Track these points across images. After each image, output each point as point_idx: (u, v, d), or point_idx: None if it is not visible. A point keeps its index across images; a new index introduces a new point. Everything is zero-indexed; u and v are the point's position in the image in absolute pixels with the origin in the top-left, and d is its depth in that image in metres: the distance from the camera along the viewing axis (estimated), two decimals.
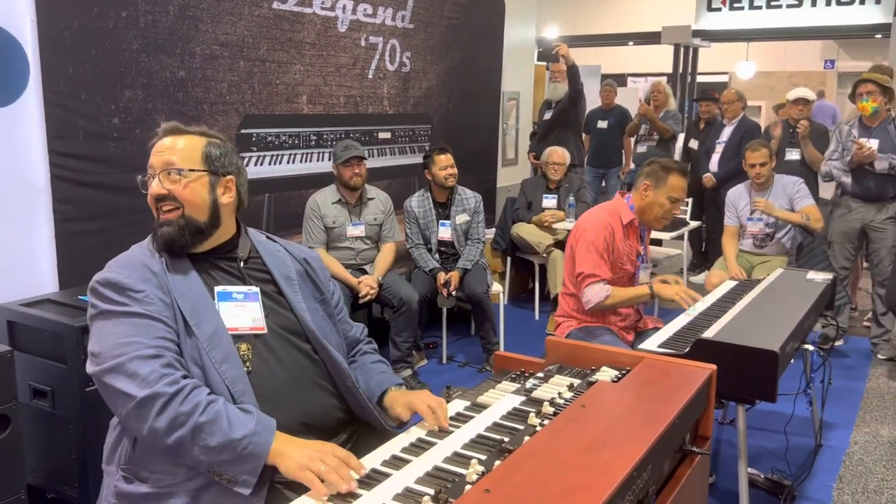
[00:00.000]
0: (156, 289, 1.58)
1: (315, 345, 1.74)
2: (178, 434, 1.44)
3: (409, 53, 4.84)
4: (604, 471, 1.31)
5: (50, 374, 2.55)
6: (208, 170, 1.69)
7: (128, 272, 1.59)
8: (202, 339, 1.58)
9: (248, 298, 1.69)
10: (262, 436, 1.46)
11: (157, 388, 1.44)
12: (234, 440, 1.44)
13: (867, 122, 4.38)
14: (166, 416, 1.44)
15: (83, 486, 2.55)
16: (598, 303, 2.95)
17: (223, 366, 1.57)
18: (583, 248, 2.98)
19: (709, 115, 6.52)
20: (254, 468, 1.45)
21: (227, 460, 1.44)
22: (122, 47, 3.12)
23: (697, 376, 1.82)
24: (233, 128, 3.71)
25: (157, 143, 1.71)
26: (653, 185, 2.98)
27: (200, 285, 1.65)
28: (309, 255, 1.90)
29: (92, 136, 3.04)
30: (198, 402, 1.46)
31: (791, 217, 4.26)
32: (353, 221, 3.94)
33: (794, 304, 2.81)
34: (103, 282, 1.58)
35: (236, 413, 1.49)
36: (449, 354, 4.52)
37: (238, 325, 1.65)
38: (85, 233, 3.05)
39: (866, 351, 4.64)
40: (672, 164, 3.01)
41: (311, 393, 1.70)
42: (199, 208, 1.67)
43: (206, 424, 1.44)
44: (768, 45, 12.83)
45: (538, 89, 7.73)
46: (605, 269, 2.95)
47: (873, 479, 3.08)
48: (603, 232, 2.96)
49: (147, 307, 1.54)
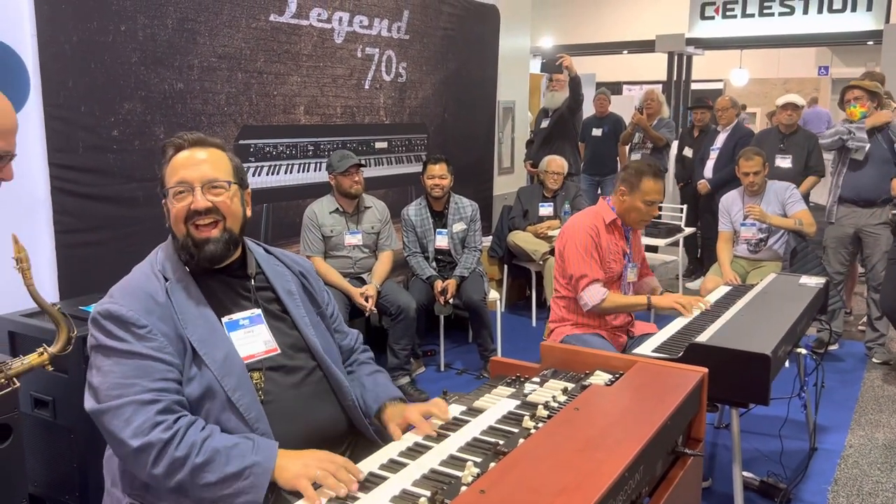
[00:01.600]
0: (159, 321, 1.55)
1: (319, 362, 1.76)
2: (178, 478, 1.45)
3: (405, 64, 4.88)
4: (596, 471, 1.34)
5: (51, 384, 2.57)
6: (238, 182, 1.69)
7: (130, 303, 1.55)
8: (214, 369, 1.57)
9: (254, 322, 1.70)
10: (262, 465, 1.46)
11: (150, 436, 1.44)
12: (233, 474, 1.44)
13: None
14: (163, 463, 1.44)
15: (84, 495, 2.56)
16: (595, 305, 3.00)
17: (237, 393, 1.57)
18: (571, 251, 3.05)
19: (702, 122, 6.57)
20: (256, 497, 1.45)
21: (231, 493, 1.45)
22: (121, 60, 3.16)
23: (689, 379, 1.85)
24: (231, 139, 3.74)
25: (183, 155, 1.66)
26: (627, 190, 3.05)
27: (208, 311, 1.63)
28: (304, 268, 1.91)
29: (91, 149, 3.08)
30: (192, 442, 1.46)
31: (784, 223, 4.30)
32: (351, 230, 3.98)
33: (786, 309, 2.84)
34: (105, 314, 1.55)
35: (234, 445, 1.48)
36: (447, 362, 4.54)
37: (253, 351, 1.66)
38: (85, 244, 3.08)
39: (861, 355, 4.67)
40: (645, 167, 3.06)
41: (319, 406, 1.72)
42: (238, 221, 1.68)
43: (205, 464, 1.44)
44: (762, 53, 12.93)
45: (534, 98, 7.79)
46: (596, 268, 3.01)
47: (868, 482, 3.11)
48: (588, 232, 3.04)
49: (149, 345, 1.52)
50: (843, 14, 9.73)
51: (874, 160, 4.36)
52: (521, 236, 5.25)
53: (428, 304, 4.19)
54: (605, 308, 3.02)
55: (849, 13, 9.68)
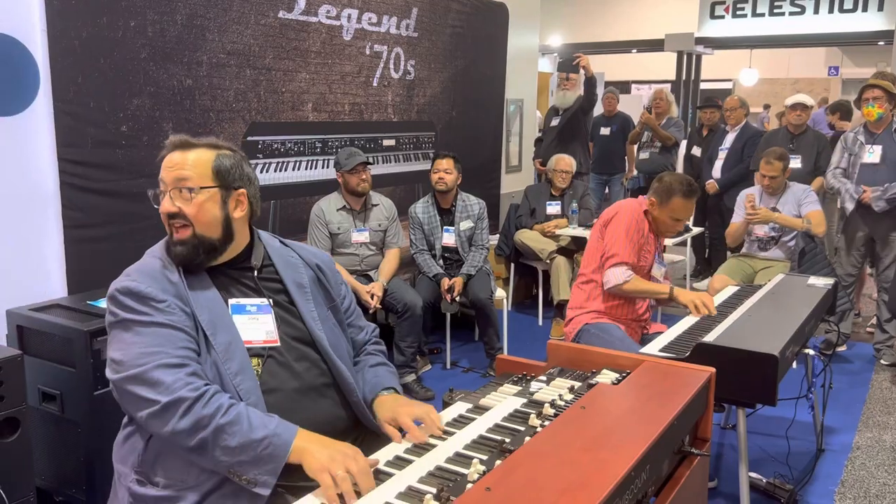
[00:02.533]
0: (175, 299, 1.59)
1: (324, 356, 1.76)
2: (201, 436, 1.47)
3: (413, 61, 4.88)
4: (603, 470, 1.34)
5: (59, 378, 2.58)
6: (219, 185, 1.68)
7: (149, 281, 1.59)
8: (218, 351, 1.60)
9: (262, 311, 1.72)
10: (283, 437, 1.48)
11: (180, 392, 1.47)
12: (254, 440, 1.46)
13: (872, 129, 4.41)
14: (189, 418, 1.47)
15: (91, 489, 2.58)
16: (616, 284, 3.02)
17: (238, 377, 1.60)
18: (615, 229, 3.07)
19: (711, 122, 6.54)
20: (273, 469, 1.46)
21: (248, 461, 1.46)
22: (130, 56, 3.17)
23: (696, 379, 1.84)
24: (239, 135, 3.75)
25: (166, 156, 1.70)
26: (658, 202, 3.09)
27: (217, 296, 1.67)
28: (322, 261, 1.91)
29: (100, 144, 3.09)
30: (220, 404, 1.49)
31: (792, 222, 4.29)
32: (358, 227, 3.98)
33: (794, 309, 2.83)
34: (124, 290, 1.58)
35: (258, 415, 1.51)
36: (453, 360, 4.54)
37: (252, 338, 1.67)
38: (93, 239, 3.09)
39: (869, 356, 4.65)
40: (677, 185, 3.03)
41: (319, 402, 1.72)
42: (211, 226, 1.67)
43: (228, 425, 1.47)
44: (772, 53, 12.88)
45: (542, 97, 7.77)
46: (630, 252, 3.03)
47: (875, 484, 3.09)
48: (637, 219, 3.07)
49: (170, 317, 1.56)
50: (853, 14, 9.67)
51: (887, 161, 4.33)
52: (528, 235, 5.24)
53: (434, 302, 4.19)
54: (627, 290, 3.04)
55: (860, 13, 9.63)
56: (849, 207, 4.44)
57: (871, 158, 4.38)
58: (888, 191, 4.28)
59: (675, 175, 3.13)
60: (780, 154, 4.40)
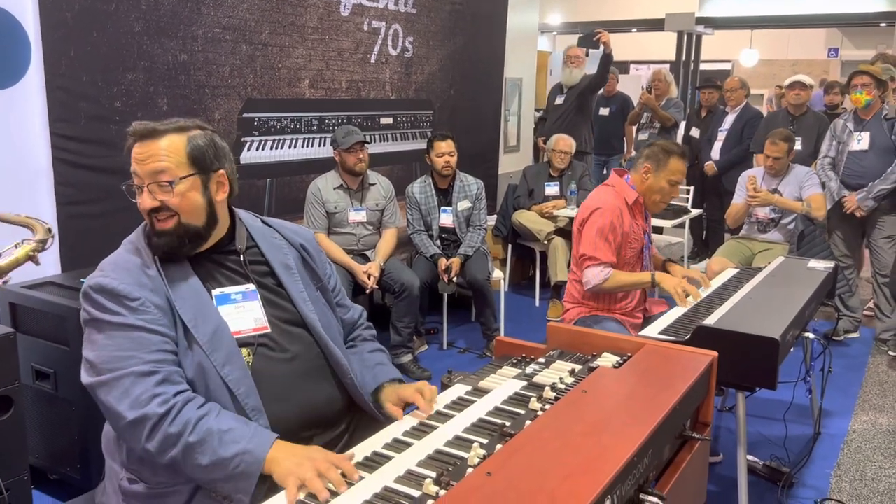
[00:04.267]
0: (151, 294, 1.52)
1: (317, 339, 1.71)
2: (171, 454, 1.43)
3: (411, 38, 4.82)
4: (605, 455, 1.32)
5: (52, 356, 2.56)
6: (198, 170, 1.60)
7: (122, 276, 1.52)
8: (203, 343, 1.54)
9: (247, 298, 1.65)
10: (254, 453, 1.42)
11: (146, 409, 1.42)
12: (224, 459, 1.41)
13: (861, 115, 4.40)
14: (157, 438, 1.42)
15: (85, 467, 2.56)
16: (596, 285, 2.95)
17: (226, 368, 1.54)
18: (589, 230, 2.98)
19: (710, 103, 6.49)
20: (246, 487, 1.42)
21: (220, 478, 1.43)
22: (123, 30, 3.11)
23: (698, 363, 1.83)
24: (235, 112, 3.70)
25: (133, 146, 1.59)
26: (653, 167, 2.97)
27: (198, 286, 1.60)
28: (305, 239, 1.85)
29: (94, 119, 3.04)
30: (187, 420, 1.43)
31: (792, 205, 4.27)
32: (355, 207, 3.94)
33: (795, 293, 2.81)
34: (97, 287, 1.51)
35: (230, 426, 1.45)
36: (449, 340, 4.53)
37: (241, 327, 1.61)
38: (87, 216, 3.05)
39: (867, 340, 4.65)
40: (673, 146, 3.01)
41: (314, 385, 1.68)
42: (196, 213, 1.60)
43: (197, 444, 1.42)
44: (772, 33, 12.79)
45: (541, 75, 7.70)
46: (607, 252, 2.94)
47: (871, 467, 3.10)
48: (612, 215, 2.95)
49: (143, 317, 1.49)
50: None
51: (876, 148, 4.32)
52: (526, 216, 5.21)
53: (431, 283, 4.17)
54: (608, 287, 2.97)
55: None
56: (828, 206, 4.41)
57: (860, 145, 4.36)
58: (873, 189, 4.27)
59: (664, 140, 3.10)
60: (785, 135, 4.37)
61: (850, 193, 4.37)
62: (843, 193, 4.40)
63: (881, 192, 4.27)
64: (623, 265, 3.02)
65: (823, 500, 2.83)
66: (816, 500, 2.82)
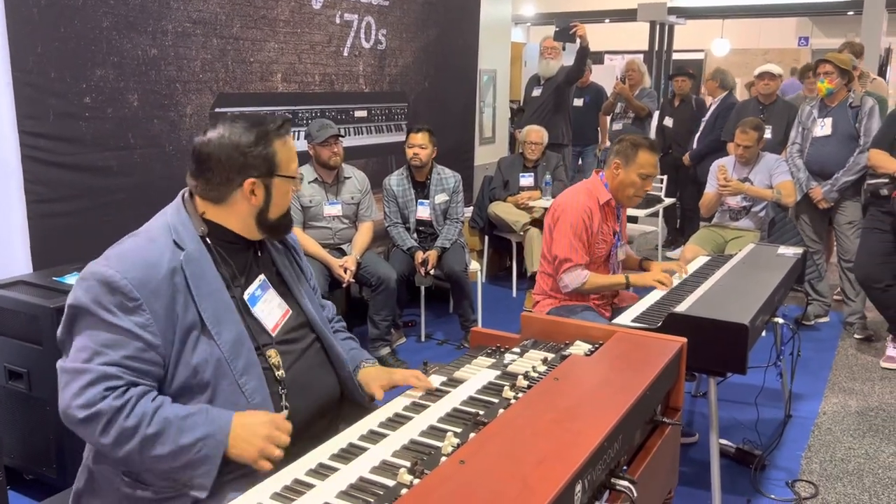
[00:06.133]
0: (152, 296, 1.47)
1: (318, 334, 1.76)
2: (127, 448, 1.42)
3: (384, 31, 4.81)
4: (576, 441, 1.35)
5: (26, 356, 2.53)
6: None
7: (127, 271, 1.47)
8: (224, 349, 1.53)
9: (264, 288, 1.68)
10: (215, 438, 1.44)
11: (101, 405, 1.41)
12: (185, 446, 1.43)
13: (827, 102, 4.47)
14: (112, 432, 1.42)
15: (61, 467, 2.55)
16: (575, 288, 2.99)
17: (243, 377, 1.54)
18: (561, 231, 2.99)
19: (683, 91, 6.55)
20: (208, 470, 1.44)
21: (180, 466, 1.44)
22: (91, 25, 3.07)
23: (668, 349, 1.86)
24: (206, 107, 3.67)
25: (290, 140, 1.73)
26: (623, 163, 3.00)
27: (222, 288, 1.58)
28: (294, 239, 1.89)
29: (63, 116, 3.00)
30: (143, 412, 1.43)
31: (762, 193, 4.34)
32: (330, 200, 3.94)
33: (764, 279, 2.86)
34: (99, 277, 1.47)
35: (187, 415, 1.46)
36: (427, 332, 4.55)
37: (276, 320, 1.67)
38: (58, 214, 3.02)
39: (836, 324, 4.74)
40: (641, 140, 3.03)
41: (322, 378, 1.74)
42: None
43: (156, 435, 1.42)
44: (743, 23, 12.90)
45: (514, 67, 7.72)
46: (581, 253, 2.97)
47: (840, 448, 3.17)
48: (582, 215, 2.97)
49: (133, 319, 1.45)
50: None
51: (838, 134, 4.39)
52: (501, 207, 5.23)
53: (409, 275, 4.18)
54: (587, 290, 3.02)
55: None
56: (797, 197, 4.47)
57: (822, 131, 4.44)
58: (837, 182, 4.35)
59: (631, 135, 3.12)
60: (755, 124, 4.44)
61: (816, 185, 4.45)
62: (812, 185, 4.47)
63: (845, 184, 4.35)
64: (592, 263, 3.05)
65: (794, 480, 2.89)
66: (788, 481, 2.88)
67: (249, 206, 1.63)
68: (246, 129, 1.61)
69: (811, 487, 2.85)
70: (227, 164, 1.58)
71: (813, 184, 4.47)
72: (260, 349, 1.61)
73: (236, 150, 1.59)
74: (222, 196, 1.61)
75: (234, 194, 1.61)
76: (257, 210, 1.63)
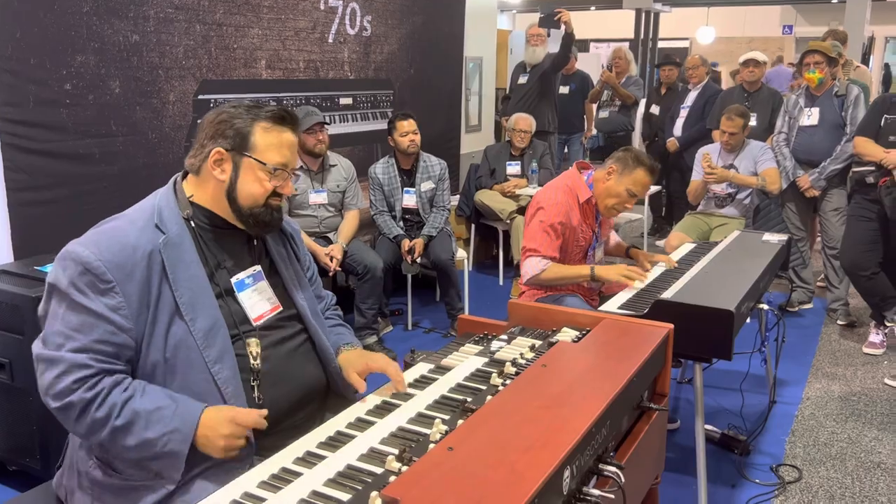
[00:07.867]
0: (127, 280, 1.46)
1: (306, 325, 1.75)
2: (98, 437, 1.45)
3: (369, 17, 4.77)
4: (564, 427, 1.35)
5: (7, 346, 2.50)
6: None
7: (102, 252, 1.46)
8: (197, 336, 1.51)
9: (257, 280, 1.67)
10: (181, 432, 1.45)
11: (72, 397, 1.42)
12: (151, 440, 1.44)
13: (814, 92, 4.49)
14: (84, 423, 1.44)
15: (45, 457, 2.52)
16: (533, 276, 2.90)
17: (216, 366, 1.52)
18: (535, 224, 2.94)
19: (670, 80, 6.56)
20: (174, 464, 1.45)
21: (148, 457, 1.46)
22: (72, 10, 3.02)
23: (655, 335, 1.86)
24: (190, 94, 3.63)
25: (288, 135, 1.64)
26: (618, 170, 2.91)
27: (200, 274, 1.56)
28: (293, 228, 1.88)
29: (43, 103, 2.96)
30: (113, 404, 1.43)
31: (747, 181, 4.36)
32: (316, 189, 3.91)
33: (749, 265, 2.88)
34: (74, 257, 1.46)
35: (155, 409, 1.45)
36: (414, 321, 4.54)
37: (262, 311, 1.65)
38: (39, 202, 2.98)
39: (820, 310, 4.79)
40: (645, 159, 2.91)
41: (306, 368, 1.73)
42: None
43: (124, 427, 1.43)
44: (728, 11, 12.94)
45: (501, 54, 7.69)
46: (549, 246, 2.89)
47: (824, 433, 3.20)
48: (559, 215, 2.90)
49: (105, 301, 1.44)
50: None
51: (825, 124, 4.42)
52: (488, 195, 5.22)
53: (395, 264, 4.17)
54: (544, 280, 2.92)
55: None
56: (783, 185, 4.50)
57: (809, 121, 4.46)
58: (825, 170, 4.38)
59: (638, 150, 3.02)
60: (741, 111, 4.45)
61: (803, 173, 4.47)
62: (798, 173, 4.49)
63: (833, 172, 4.38)
64: (567, 261, 2.99)
65: (779, 465, 2.92)
66: (772, 465, 2.91)
67: (217, 182, 1.60)
68: (247, 107, 1.63)
69: (795, 472, 2.88)
70: (207, 130, 1.61)
71: (800, 172, 4.50)
72: (240, 336, 1.59)
73: (218, 116, 1.61)
74: (198, 165, 1.62)
75: (205, 164, 1.60)
76: (226, 187, 1.60)
